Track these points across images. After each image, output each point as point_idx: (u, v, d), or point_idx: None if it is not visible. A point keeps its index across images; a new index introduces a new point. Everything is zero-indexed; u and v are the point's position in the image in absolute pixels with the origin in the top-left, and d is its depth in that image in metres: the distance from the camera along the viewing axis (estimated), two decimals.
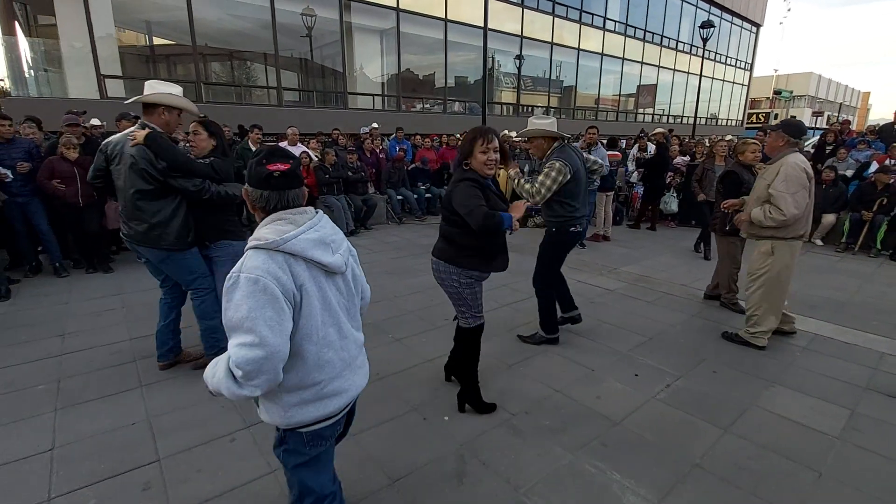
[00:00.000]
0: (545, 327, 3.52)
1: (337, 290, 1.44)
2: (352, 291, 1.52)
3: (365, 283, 1.68)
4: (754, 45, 31.22)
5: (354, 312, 1.54)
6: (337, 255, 1.41)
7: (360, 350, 1.55)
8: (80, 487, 2.06)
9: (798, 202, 3.13)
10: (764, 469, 2.21)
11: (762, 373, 3.15)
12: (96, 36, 10.14)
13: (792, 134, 3.29)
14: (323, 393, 1.39)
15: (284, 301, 1.26)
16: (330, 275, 1.42)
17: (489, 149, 2.32)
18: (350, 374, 1.48)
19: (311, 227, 1.36)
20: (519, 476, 2.15)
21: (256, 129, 6.80)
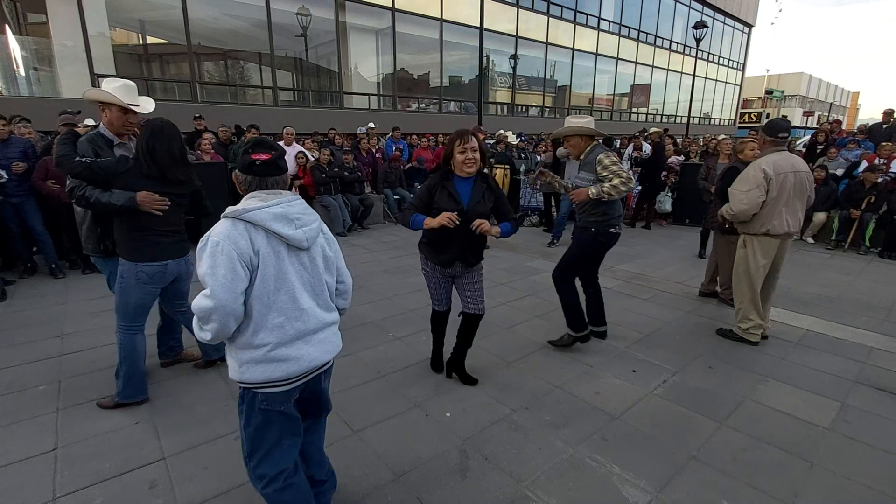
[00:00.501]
0: (572, 325, 3.39)
1: (300, 265, 1.57)
2: (318, 271, 1.63)
3: (345, 270, 1.78)
4: (746, 46, 31.52)
5: (321, 291, 1.64)
6: (299, 230, 1.54)
7: (323, 326, 1.63)
8: (85, 486, 2.07)
9: (749, 199, 3.35)
10: (758, 460, 2.27)
11: (756, 367, 3.22)
12: (89, 34, 10.06)
13: (768, 133, 3.42)
14: (270, 356, 1.50)
15: (240, 264, 1.43)
16: (294, 250, 1.55)
17: (467, 149, 2.51)
18: (303, 345, 1.56)
19: (277, 204, 1.53)
20: (521, 470, 2.19)
21: (253, 129, 6.81)
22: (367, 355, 3.33)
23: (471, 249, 2.65)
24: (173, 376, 3.02)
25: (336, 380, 2.95)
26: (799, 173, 3.35)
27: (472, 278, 2.75)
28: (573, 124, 3.23)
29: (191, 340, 3.27)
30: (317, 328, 1.60)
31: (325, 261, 1.67)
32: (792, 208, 3.37)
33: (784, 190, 3.31)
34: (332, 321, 1.68)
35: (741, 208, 3.39)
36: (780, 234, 3.38)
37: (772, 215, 3.36)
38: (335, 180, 7.43)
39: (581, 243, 3.33)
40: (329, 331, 1.66)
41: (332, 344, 1.66)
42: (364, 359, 3.28)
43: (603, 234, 3.22)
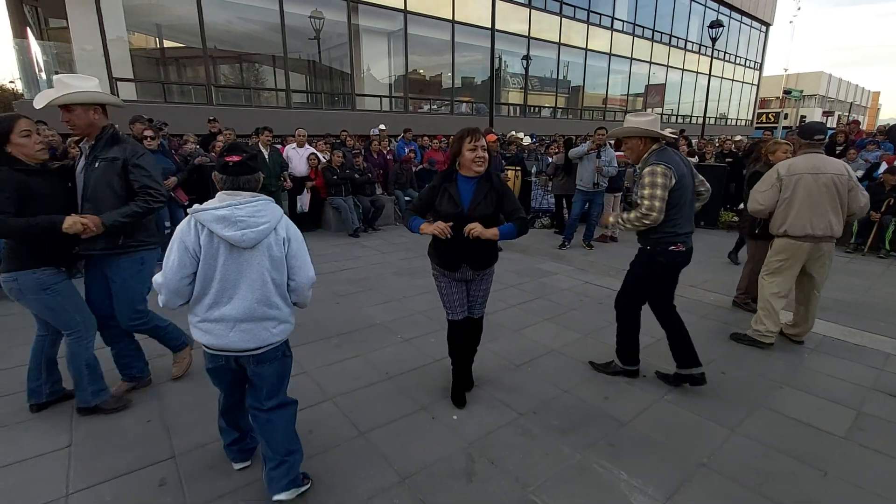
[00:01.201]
0: (622, 356, 3.04)
1: (244, 262, 1.80)
2: (261, 269, 1.82)
3: (299, 269, 1.93)
4: (764, 45, 30.99)
5: (260, 286, 1.82)
6: (238, 232, 1.74)
7: (251, 318, 1.82)
8: (96, 483, 2.11)
9: (764, 199, 3.39)
10: (770, 468, 2.22)
11: (770, 374, 3.15)
12: (108, 39, 10.29)
13: (802, 136, 3.41)
14: (198, 326, 1.86)
15: (187, 254, 1.76)
16: (236, 248, 1.78)
17: (477, 146, 2.39)
18: (221, 329, 1.82)
19: (226, 206, 1.76)
20: (527, 475, 2.17)
21: (267, 131, 6.87)
22: (376, 357, 3.34)
23: (476, 252, 2.50)
24: (184, 376, 3.06)
25: (343, 381, 2.99)
26: (823, 175, 3.23)
27: (482, 283, 2.64)
28: (632, 124, 2.76)
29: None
30: (243, 318, 1.81)
31: (272, 260, 1.84)
32: (817, 210, 3.26)
33: (800, 191, 3.25)
34: (264, 316, 1.84)
35: (755, 207, 3.49)
36: (799, 235, 3.31)
37: (787, 216, 3.32)
38: (346, 182, 7.48)
39: (639, 265, 2.90)
40: (258, 324, 1.84)
41: (255, 335, 1.84)
42: (372, 360, 3.29)
43: (662, 253, 2.74)
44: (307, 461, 2.23)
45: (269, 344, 1.87)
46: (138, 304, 2.66)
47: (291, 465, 1.96)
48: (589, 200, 6.52)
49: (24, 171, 2.29)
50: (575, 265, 5.84)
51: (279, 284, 1.87)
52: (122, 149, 2.48)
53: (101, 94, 2.52)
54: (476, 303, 2.69)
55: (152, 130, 5.43)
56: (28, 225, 2.24)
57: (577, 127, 18.44)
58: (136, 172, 2.48)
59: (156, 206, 2.52)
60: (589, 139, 6.70)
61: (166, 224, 5.40)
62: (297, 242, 1.93)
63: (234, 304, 1.80)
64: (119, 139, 2.52)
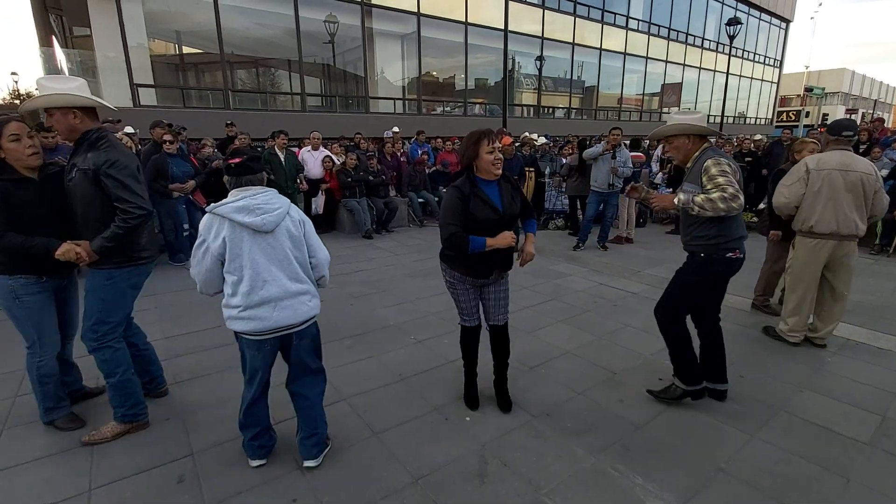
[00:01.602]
0: (682, 376, 2.70)
1: (268, 245, 1.99)
2: (284, 249, 2.03)
3: (316, 247, 2.18)
4: (784, 42, 30.34)
5: (288, 265, 2.04)
6: (259, 217, 1.95)
7: (288, 295, 2.02)
8: (118, 479, 2.16)
9: (790, 193, 3.35)
10: (790, 474, 2.18)
11: (791, 377, 3.08)
12: (129, 46, 10.54)
13: (831, 132, 3.39)
14: (241, 315, 1.99)
15: (211, 249, 1.96)
16: (259, 233, 1.97)
17: (495, 148, 2.35)
18: (268, 311, 1.99)
19: (241, 199, 1.96)
20: (540, 477, 2.16)
21: (282, 134, 6.97)
22: (389, 358, 3.36)
23: (508, 255, 2.49)
24: (202, 375, 3.12)
25: (357, 382, 3.01)
26: (851, 173, 3.19)
27: (501, 286, 2.59)
28: (678, 121, 2.59)
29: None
30: (282, 296, 2.01)
31: (292, 239, 2.06)
32: (842, 208, 3.21)
33: (827, 186, 3.20)
34: (298, 291, 2.05)
35: (781, 201, 3.42)
36: (825, 232, 3.26)
37: (813, 210, 3.26)
38: (360, 184, 7.54)
39: (689, 273, 2.64)
40: (295, 299, 2.04)
41: (295, 311, 2.04)
42: (385, 362, 3.31)
43: (719, 260, 2.53)
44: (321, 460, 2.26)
45: (310, 318, 2.12)
46: (94, 323, 2.34)
47: (321, 436, 2.26)
48: (604, 201, 6.47)
49: (10, 180, 2.17)
50: (589, 266, 5.79)
51: (302, 262, 2.10)
52: (96, 155, 2.18)
53: (71, 95, 2.21)
54: (500, 308, 2.60)
55: (171, 134, 5.56)
56: (23, 246, 2.16)
57: (591, 127, 18.29)
58: (108, 183, 2.18)
59: (133, 221, 2.22)
60: (603, 140, 6.64)
61: (185, 227, 5.51)
62: (309, 224, 2.17)
63: (270, 285, 1.98)
64: (96, 144, 2.23)
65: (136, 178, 2.28)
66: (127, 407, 2.45)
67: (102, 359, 2.39)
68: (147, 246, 2.46)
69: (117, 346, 2.42)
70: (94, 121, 2.31)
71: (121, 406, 2.44)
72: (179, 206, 5.44)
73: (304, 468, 2.21)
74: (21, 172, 2.22)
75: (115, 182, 2.19)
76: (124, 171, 2.23)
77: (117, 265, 2.34)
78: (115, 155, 2.23)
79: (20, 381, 3.00)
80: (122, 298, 2.43)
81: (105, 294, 2.35)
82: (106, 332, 2.37)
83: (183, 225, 5.49)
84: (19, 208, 2.19)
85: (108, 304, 2.36)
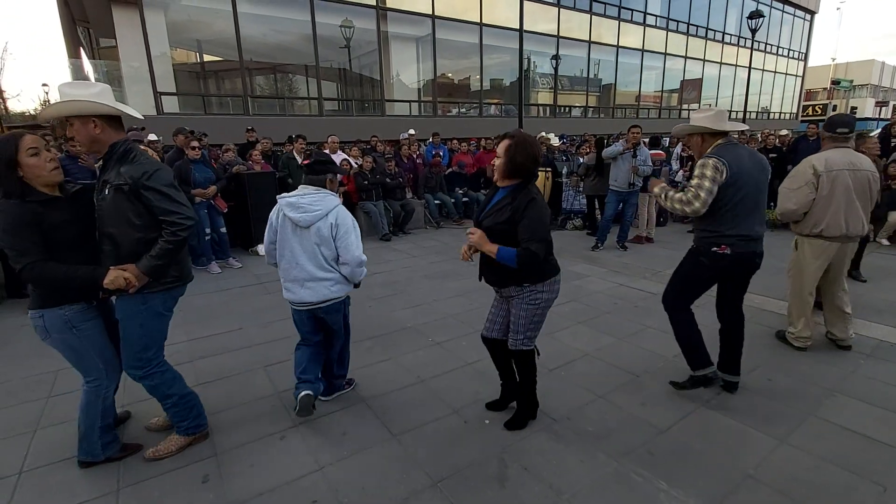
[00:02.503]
0: (688, 361, 2.83)
1: (303, 237, 2.46)
2: (311, 244, 2.46)
3: (346, 249, 2.49)
4: (808, 34, 29.47)
5: (314, 256, 2.47)
6: (300, 214, 2.41)
7: (312, 279, 2.48)
8: (145, 479, 2.21)
9: (798, 198, 3.16)
10: (823, 482, 2.10)
11: (821, 381, 2.98)
12: (153, 55, 10.83)
13: (826, 129, 3.24)
14: (283, 286, 2.56)
15: (272, 228, 2.54)
16: (298, 227, 2.45)
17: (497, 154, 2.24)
18: (296, 287, 2.51)
19: (294, 196, 2.46)
20: (561, 482, 2.13)
21: (301, 139, 7.07)
22: (407, 360, 3.36)
23: (485, 264, 2.32)
24: (224, 377, 3.17)
25: (376, 384, 3.02)
26: (860, 171, 3.08)
27: (519, 306, 2.30)
28: (691, 121, 2.70)
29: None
30: (307, 279, 2.48)
31: (321, 238, 2.45)
32: (852, 209, 3.10)
33: (837, 188, 3.06)
34: (323, 277, 2.49)
35: (789, 207, 3.22)
36: (835, 236, 3.14)
37: (824, 215, 3.12)
38: (377, 186, 7.59)
39: (685, 261, 2.84)
40: (319, 283, 2.49)
41: (317, 292, 2.50)
42: (404, 364, 3.31)
43: (704, 252, 2.64)
44: (339, 462, 2.28)
45: (331, 298, 2.54)
46: (139, 351, 2.21)
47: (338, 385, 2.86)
48: (623, 201, 6.37)
49: (38, 201, 1.96)
50: (608, 267, 5.71)
51: (328, 256, 2.49)
52: (131, 168, 2.02)
53: (90, 102, 2.00)
54: (513, 329, 2.36)
55: (196, 141, 5.70)
56: (67, 276, 1.98)
57: (608, 126, 18.05)
58: (152, 196, 2.03)
59: (183, 234, 2.09)
60: (622, 138, 6.54)
61: (206, 231, 5.62)
62: (345, 228, 2.48)
63: (299, 269, 2.47)
64: (128, 157, 2.07)
65: (176, 188, 2.13)
66: (190, 420, 2.41)
67: (151, 385, 2.30)
68: (183, 262, 2.31)
69: (163, 369, 2.32)
70: (119, 131, 2.13)
71: (183, 420, 2.39)
72: (201, 211, 5.55)
73: (324, 469, 2.22)
74: (42, 192, 2.00)
75: (159, 194, 2.03)
76: (165, 181, 2.07)
77: (153, 288, 2.15)
78: (152, 166, 2.08)
79: (51, 384, 3.09)
80: (161, 321, 2.26)
81: (143, 319, 2.17)
82: (150, 359, 2.25)
83: (205, 229, 5.60)
84: (54, 231, 1.99)
85: (147, 328, 2.20)
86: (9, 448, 2.46)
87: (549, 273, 2.28)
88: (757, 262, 2.66)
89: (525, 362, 2.43)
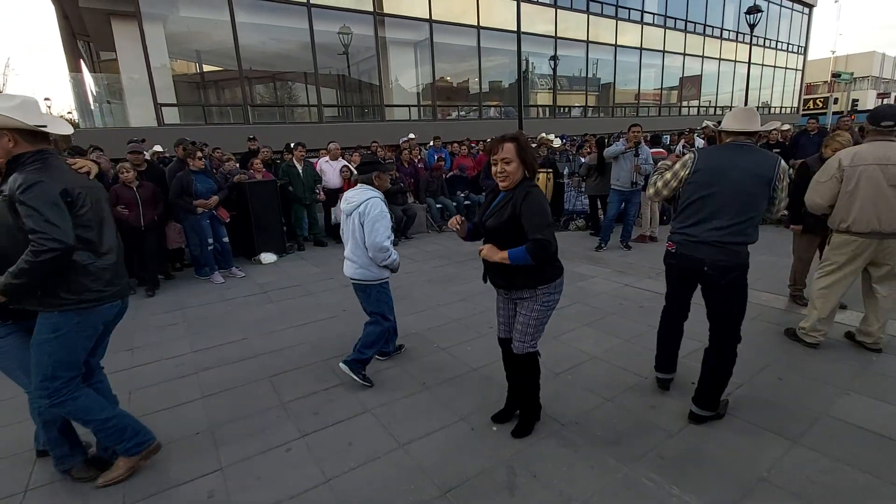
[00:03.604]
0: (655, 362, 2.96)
1: (348, 223, 3.05)
2: (351, 229, 3.02)
3: (369, 234, 2.91)
4: (808, 27, 29.40)
5: (353, 240, 3.01)
6: (344, 205, 3.04)
7: (350, 258, 3.06)
8: (151, 495, 2.19)
9: (822, 191, 3.16)
10: (839, 484, 2.06)
11: (833, 379, 2.93)
12: (153, 67, 10.89)
13: (871, 122, 3.14)
14: None
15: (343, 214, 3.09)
16: (345, 214, 3.05)
17: (497, 160, 2.19)
18: (346, 262, 3.12)
19: (347, 192, 3.08)
20: (571, 489, 2.10)
21: (300, 146, 7.07)
22: (412, 367, 3.34)
23: (492, 268, 2.31)
24: (229, 388, 3.15)
25: (381, 392, 3.00)
26: (891, 166, 2.97)
27: (525, 308, 2.30)
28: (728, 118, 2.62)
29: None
30: (347, 257, 3.08)
31: (355, 224, 2.96)
32: (884, 204, 2.99)
33: (864, 183, 2.99)
34: (354, 258, 3.02)
35: (816, 201, 3.22)
36: (864, 231, 3.05)
37: (849, 210, 3.06)
38: None
39: None
40: (352, 262, 3.04)
41: (351, 269, 3.07)
42: (409, 370, 3.29)
43: (668, 253, 2.68)
44: (346, 474, 2.25)
45: (356, 279, 3.07)
46: (44, 378, 2.04)
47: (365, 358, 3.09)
48: (626, 200, 6.33)
49: None
50: (613, 267, 5.67)
51: (358, 243, 2.97)
52: (14, 178, 1.87)
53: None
54: (518, 332, 2.35)
55: (199, 151, 5.71)
56: None
57: (608, 125, 18.03)
58: (22, 210, 1.84)
59: (42, 256, 1.82)
60: (622, 137, 6.51)
61: (209, 241, 5.61)
62: (371, 217, 2.90)
63: (346, 249, 3.10)
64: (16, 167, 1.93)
65: (56, 205, 1.89)
66: (127, 441, 2.24)
67: (65, 412, 2.13)
68: (113, 281, 2.12)
69: (76, 395, 2.12)
70: (39, 144, 1.99)
71: (119, 442, 2.23)
72: (204, 221, 5.55)
73: (331, 481, 2.20)
74: None
75: (29, 209, 1.83)
76: (41, 196, 1.85)
77: (66, 307, 2.00)
78: (36, 177, 1.87)
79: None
80: (70, 347, 2.07)
81: (53, 344, 2.02)
82: (58, 388, 2.07)
83: (207, 239, 5.60)
84: None
85: (55, 354, 2.03)
86: (14, 465, 2.44)
87: (557, 274, 2.29)
88: (707, 272, 2.44)
89: (532, 365, 2.43)
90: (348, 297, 4.93)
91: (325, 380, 3.20)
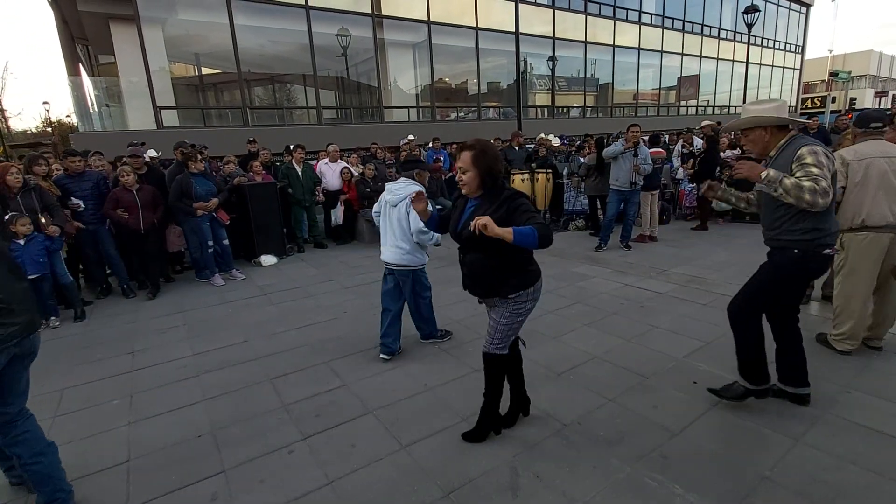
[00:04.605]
0: (746, 373, 2.59)
1: (397, 214, 3.32)
2: (396, 219, 3.33)
3: (412, 221, 3.25)
4: (805, 26, 29.47)
5: (396, 229, 3.33)
6: (390, 196, 3.35)
7: (393, 245, 3.34)
8: (154, 498, 2.19)
9: None
10: (842, 482, 2.05)
11: (835, 378, 2.93)
12: (152, 70, 10.89)
13: (858, 125, 3.19)
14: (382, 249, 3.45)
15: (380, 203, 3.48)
16: (389, 205, 3.35)
17: (458, 168, 2.22)
18: (385, 248, 3.41)
19: (393, 184, 3.42)
20: (575, 489, 2.10)
21: (300, 148, 7.07)
22: (413, 368, 3.34)
23: (470, 276, 2.31)
24: (231, 391, 3.15)
25: (383, 394, 2.99)
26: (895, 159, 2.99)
27: (493, 313, 2.33)
28: (756, 112, 2.43)
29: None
30: (393, 245, 3.34)
31: (400, 214, 3.29)
32: (894, 196, 2.98)
33: (873, 174, 2.97)
34: (397, 245, 3.32)
35: None
36: (879, 225, 2.99)
37: (862, 203, 3.00)
38: (379, 194, 7.57)
39: (778, 268, 2.46)
40: (396, 248, 3.33)
41: (394, 254, 3.34)
42: (411, 372, 3.29)
43: (814, 257, 2.35)
44: (349, 475, 2.25)
45: (402, 265, 3.34)
46: None
47: (434, 327, 3.71)
48: (625, 200, 6.34)
49: None
50: (613, 267, 5.67)
51: (405, 230, 3.29)
52: None
53: None
54: (489, 332, 2.35)
55: (198, 154, 5.72)
56: None
57: (607, 125, 18.05)
58: None
59: None
60: (621, 137, 6.52)
61: (209, 243, 5.61)
62: (412, 211, 3.09)
63: (387, 235, 3.38)
64: None
65: None
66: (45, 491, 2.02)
67: None
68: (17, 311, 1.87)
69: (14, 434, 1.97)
70: None
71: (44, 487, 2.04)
72: (204, 224, 5.54)
73: (334, 483, 2.20)
74: None
75: None
76: None
77: None
78: None
79: (57, 403, 3.07)
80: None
81: None
82: None
83: (207, 242, 5.60)
84: None
85: None
86: None
87: (532, 280, 2.27)
88: None
89: (495, 367, 2.40)
90: (349, 298, 4.94)
91: (326, 381, 3.19)
